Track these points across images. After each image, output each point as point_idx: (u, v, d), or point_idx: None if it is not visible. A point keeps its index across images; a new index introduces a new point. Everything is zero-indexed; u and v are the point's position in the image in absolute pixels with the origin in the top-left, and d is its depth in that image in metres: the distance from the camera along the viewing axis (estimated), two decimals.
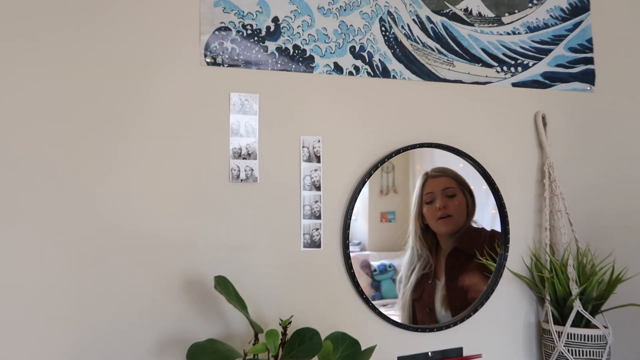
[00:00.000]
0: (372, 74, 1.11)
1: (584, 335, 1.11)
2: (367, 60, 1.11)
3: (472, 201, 1.19)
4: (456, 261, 1.19)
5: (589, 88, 1.31)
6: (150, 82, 0.95)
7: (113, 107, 0.93)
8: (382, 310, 1.18)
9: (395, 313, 1.23)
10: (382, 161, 1.09)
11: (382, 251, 1.24)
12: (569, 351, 1.12)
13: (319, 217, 1.05)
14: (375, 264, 1.29)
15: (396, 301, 1.22)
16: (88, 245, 0.90)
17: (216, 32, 1.00)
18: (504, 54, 1.24)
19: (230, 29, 1.01)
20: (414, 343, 1.12)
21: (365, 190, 1.21)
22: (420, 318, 1.18)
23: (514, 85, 1.24)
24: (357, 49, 1.10)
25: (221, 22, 1.01)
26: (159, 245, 0.95)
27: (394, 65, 1.13)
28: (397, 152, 1.10)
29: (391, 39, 1.13)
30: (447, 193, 1.22)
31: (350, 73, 1.10)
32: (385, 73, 1.12)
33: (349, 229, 1.06)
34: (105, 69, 0.93)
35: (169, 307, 0.95)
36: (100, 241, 0.91)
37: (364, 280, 1.27)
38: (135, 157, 0.94)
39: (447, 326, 1.14)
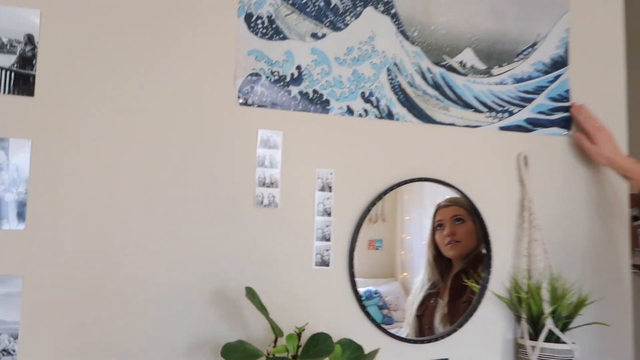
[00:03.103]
0: (379, 116, 1.29)
1: (555, 350, 1.28)
2: (375, 104, 1.28)
3: (483, 227, 1.36)
4: (460, 282, 1.35)
5: (565, 133, 1.49)
6: (191, 120, 1.12)
7: (159, 141, 1.09)
8: None
9: None
10: (386, 192, 1.26)
11: (369, 278, 1.31)
12: None
13: (329, 240, 1.22)
14: (361, 290, 1.35)
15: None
16: (134, 258, 1.06)
17: (248, 77, 1.17)
18: (493, 102, 1.42)
19: (260, 75, 1.18)
20: (405, 353, 1.27)
21: None
22: (423, 334, 1.33)
23: (501, 128, 1.42)
24: (366, 94, 1.28)
25: (253, 69, 1.18)
26: (192, 259, 1.10)
27: (397, 109, 1.31)
28: (399, 184, 1.27)
29: (396, 87, 1.31)
30: (456, 220, 1.38)
31: (360, 115, 1.27)
32: (390, 116, 1.30)
33: (354, 250, 1.23)
34: (152, 109, 1.09)
35: (199, 313, 1.10)
36: (144, 255, 1.07)
37: None
38: (177, 182, 1.10)
39: (436, 339, 1.30)
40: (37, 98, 1.01)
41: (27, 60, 1.01)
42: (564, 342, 1.28)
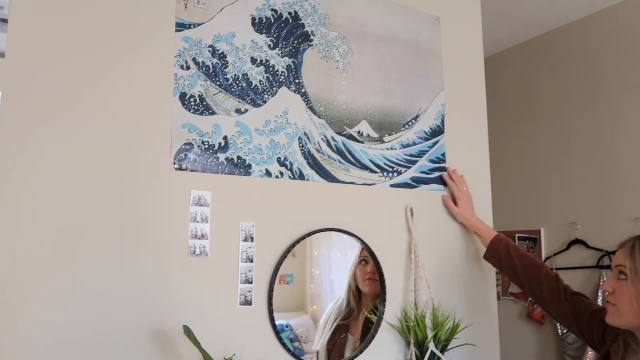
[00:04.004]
0: (292, 177, 1.54)
1: None
2: (289, 168, 1.54)
3: (378, 267, 1.62)
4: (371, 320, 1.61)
5: (442, 188, 1.83)
6: (134, 182, 1.31)
7: (106, 201, 1.27)
8: None
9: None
10: (298, 240, 1.50)
11: (280, 312, 1.44)
12: None
13: (251, 282, 1.44)
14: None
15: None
16: (82, 302, 1.22)
17: (183, 146, 1.39)
18: (385, 164, 1.73)
19: (193, 144, 1.40)
20: None
21: None
22: None
23: (392, 186, 1.73)
24: (282, 159, 1.53)
25: (186, 139, 1.39)
26: (135, 302, 1.28)
27: (307, 171, 1.57)
28: (309, 234, 1.52)
29: (306, 152, 1.58)
30: None
31: (277, 176, 1.52)
32: (301, 177, 1.56)
33: (272, 291, 1.45)
34: (100, 173, 1.28)
35: (141, 348, 1.27)
36: (92, 300, 1.23)
37: None
38: (121, 236, 1.28)
39: None
40: None
41: None
42: None
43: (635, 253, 1.29)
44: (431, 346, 1.58)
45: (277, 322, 1.46)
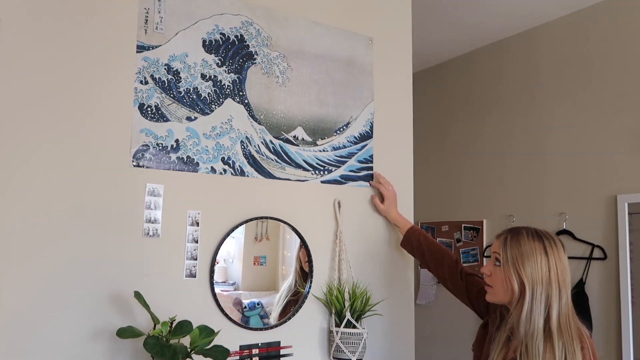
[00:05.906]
0: (234, 174, 1.86)
1: (351, 333, 1.90)
2: (232, 166, 1.86)
3: (308, 250, 1.95)
4: None
5: (368, 185, 2.16)
6: (98, 177, 1.63)
7: (76, 192, 1.59)
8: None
9: None
10: (237, 226, 1.82)
11: (254, 290, 1.60)
12: (342, 343, 1.90)
13: (195, 259, 1.76)
14: (246, 301, 1.68)
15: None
16: (54, 272, 1.54)
17: (140, 147, 1.70)
18: (317, 163, 2.05)
19: (149, 146, 1.72)
20: (250, 337, 1.84)
21: (241, 237, 1.83)
22: None
23: (322, 182, 2.06)
24: (225, 158, 1.85)
25: (144, 142, 1.71)
26: (97, 273, 1.60)
27: (248, 169, 1.89)
28: (245, 222, 1.84)
29: (247, 153, 1.90)
30: None
31: (221, 173, 1.84)
32: (242, 173, 1.88)
33: (214, 265, 1.77)
34: (68, 169, 1.59)
35: (101, 309, 1.60)
36: (63, 270, 1.55)
37: (235, 316, 1.70)
38: (88, 221, 1.60)
39: (271, 327, 1.87)
40: None
41: None
42: (357, 328, 1.91)
43: (507, 244, 1.60)
44: (347, 315, 1.91)
45: (249, 300, 1.74)
